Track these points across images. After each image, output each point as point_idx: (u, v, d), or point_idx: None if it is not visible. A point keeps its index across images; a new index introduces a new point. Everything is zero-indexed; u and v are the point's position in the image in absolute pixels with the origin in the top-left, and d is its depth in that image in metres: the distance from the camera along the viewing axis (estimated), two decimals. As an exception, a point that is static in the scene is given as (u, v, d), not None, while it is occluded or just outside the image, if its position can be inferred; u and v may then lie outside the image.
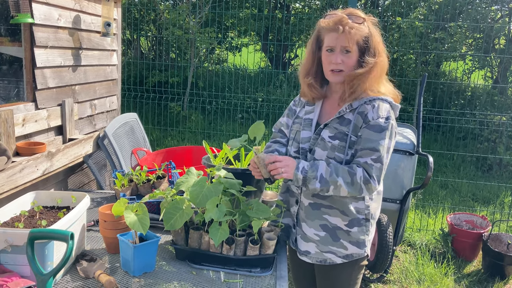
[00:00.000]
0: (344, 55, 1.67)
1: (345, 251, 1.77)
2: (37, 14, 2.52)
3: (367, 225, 1.78)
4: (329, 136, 1.72)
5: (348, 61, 1.67)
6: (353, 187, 1.64)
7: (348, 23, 1.64)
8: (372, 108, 1.67)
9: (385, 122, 1.66)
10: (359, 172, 1.65)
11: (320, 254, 1.79)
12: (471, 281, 3.58)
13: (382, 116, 1.66)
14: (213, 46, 8.18)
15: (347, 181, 1.64)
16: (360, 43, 1.66)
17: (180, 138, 6.59)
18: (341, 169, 1.65)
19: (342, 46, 1.66)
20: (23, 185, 2.35)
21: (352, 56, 1.67)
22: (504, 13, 7.44)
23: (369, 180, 1.65)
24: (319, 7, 9.03)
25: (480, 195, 5.46)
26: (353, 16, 1.66)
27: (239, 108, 6.35)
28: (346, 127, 1.71)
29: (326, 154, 1.73)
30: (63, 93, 2.87)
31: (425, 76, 3.63)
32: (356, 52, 1.67)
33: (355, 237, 1.76)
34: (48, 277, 1.45)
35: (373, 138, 1.65)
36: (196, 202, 1.66)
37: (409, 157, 3.38)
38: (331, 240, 1.76)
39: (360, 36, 1.66)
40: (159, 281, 1.69)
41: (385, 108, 1.68)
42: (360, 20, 1.66)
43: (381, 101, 1.69)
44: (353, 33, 1.64)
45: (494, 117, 6.26)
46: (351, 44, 1.64)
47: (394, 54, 7.54)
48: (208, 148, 2.24)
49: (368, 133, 1.66)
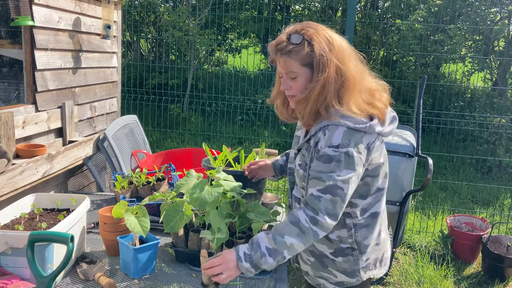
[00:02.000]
0: (291, 80, 1.50)
1: (336, 279, 1.64)
2: (38, 16, 2.52)
3: (354, 254, 1.58)
4: (298, 164, 1.60)
5: (295, 86, 1.50)
6: (305, 235, 1.43)
7: (284, 47, 1.46)
8: (324, 135, 1.46)
9: (334, 151, 1.42)
10: (301, 215, 1.44)
11: (314, 278, 1.71)
12: (471, 283, 3.58)
13: (332, 144, 1.43)
14: (213, 48, 8.19)
15: (296, 233, 1.43)
16: (305, 63, 1.46)
17: (180, 140, 6.60)
18: (281, 226, 1.47)
19: (285, 72, 1.50)
20: (23, 188, 2.35)
21: (298, 80, 1.48)
22: (503, 15, 7.46)
23: (316, 217, 1.42)
24: (318, 9, 9.05)
25: (479, 197, 5.46)
26: (294, 35, 1.46)
27: (239, 110, 6.36)
28: (308, 154, 1.54)
29: (298, 183, 1.61)
30: (63, 95, 2.87)
31: (424, 78, 3.63)
32: (304, 75, 1.47)
33: (341, 267, 1.60)
34: (48, 280, 1.45)
35: (320, 169, 1.45)
36: (196, 205, 1.67)
37: (408, 159, 3.38)
38: (320, 266, 1.65)
39: (301, 58, 1.45)
40: (159, 283, 1.69)
41: (337, 135, 1.44)
42: (299, 39, 1.45)
43: (334, 126, 1.45)
44: (292, 58, 1.46)
45: (493, 119, 6.27)
46: (293, 69, 1.47)
47: (394, 56, 7.55)
48: (208, 150, 2.24)
49: (317, 164, 1.46)
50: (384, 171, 1.59)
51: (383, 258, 1.69)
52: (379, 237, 1.64)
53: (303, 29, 1.48)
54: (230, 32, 9.21)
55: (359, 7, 8.97)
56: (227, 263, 1.46)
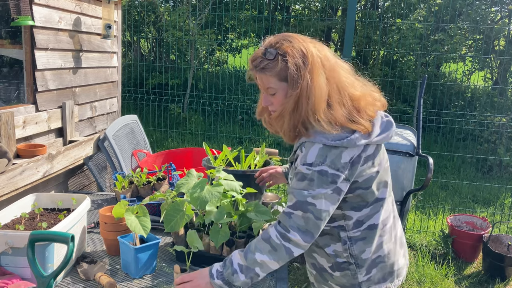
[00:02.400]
0: (270, 96, 1.47)
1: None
2: (38, 16, 2.52)
3: (352, 269, 1.53)
4: (289, 177, 1.57)
5: (276, 101, 1.47)
6: (277, 253, 1.39)
7: (259, 63, 1.43)
8: (301, 152, 1.44)
9: (307, 169, 1.39)
10: (271, 231, 1.42)
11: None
12: (472, 283, 3.58)
13: (306, 162, 1.40)
14: (213, 47, 8.19)
15: (268, 250, 1.40)
16: (283, 78, 1.42)
17: (180, 140, 6.60)
18: (254, 243, 1.44)
19: (264, 88, 1.48)
20: (23, 187, 2.35)
21: (278, 96, 1.45)
22: (503, 15, 7.45)
23: (287, 234, 1.38)
24: (318, 9, 9.04)
25: (480, 197, 5.46)
26: (268, 51, 1.42)
27: (239, 110, 6.35)
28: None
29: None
30: (63, 95, 2.87)
31: (425, 77, 3.63)
32: (282, 90, 1.43)
33: (340, 281, 1.56)
34: (49, 279, 1.45)
35: (295, 186, 1.42)
36: (197, 204, 1.66)
37: (409, 158, 3.38)
38: (321, 279, 1.62)
39: (277, 73, 1.41)
40: (159, 283, 1.69)
41: (311, 152, 1.40)
42: (273, 55, 1.41)
43: (309, 143, 1.42)
44: (268, 73, 1.43)
45: (494, 118, 6.27)
46: (270, 85, 1.44)
47: (394, 55, 7.55)
48: (208, 150, 2.24)
49: (293, 181, 1.45)
50: (380, 181, 1.51)
51: (394, 270, 1.59)
52: (381, 249, 1.56)
53: (277, 42, 1.43)
54: (230, 32, 9.21)
55: (359, 6, 8.97)
56: (197, 280, 1.45)
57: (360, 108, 1.46)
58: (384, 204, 1.55)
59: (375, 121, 1.48)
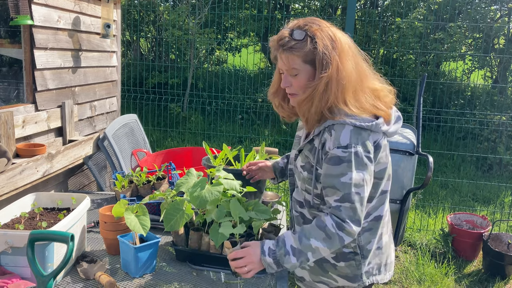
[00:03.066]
0: (293, 77, 1.47)
1: (336, 283, 1.62)
2: (37, 15, 2.52)
3: (357, 259, 1.57)
4: (300, 165, 1.57)
5: (296, 83, 1.47)
6: (331, 241, 1.42)
7: (286, 43, 1.43)
8: (330, 135, 1.43)
9: (343, 151, 1.39)
10: (328, 220, 1.43)
11: (312, 283, 1.68)
12: (472, 281, 3.58)
13: (340, 144, 1.40)
14: (213, 47, 8.19)
15: (322, 238, 1.42)
16: (308, 60, 1.43)
17: (180, 139, 6.60)
18: (308, 228, 1.45)
19: (286, 69, 1.47)
20: (23, 187, 2.35)
21: (300, 77, 1.45)
22: (503, 13, 7.45)
23: (342, 224, 1.41)
24: (318, 8, 9.04)
25: (480, 195, 5.46)
26: (296, 31, 1.42)
27: (239, 109, 6.35)
28: (312, 156, 1.51)
29: (300, 185, 1.60)
30: (63, 95, 2.87)
31: (424, 76, 3.63)
32: (306, 72, 1.44)
33: (343, 272, 1.58)
34: (49, 279, 1.45)
35: (332, 173, 1.42)
36: (196, 203, 1.66)
37: (409, 157, 3.38)
38: (320, 271, 1.63)
39: (304, 54, 1.42)
40: (159, 282, 1.69)
41: (344, 134, 1.41)
42: (302, 35, 1.42)
43: (340, 125, 1.42)
44: (295, 53, 1.42)
45: (494, 116, 6.27)
46: (294, 66, 1.44)
47: (394, 54, 7.55)
48: (208, 149, 2.24)
49: (326, 167, 1.43)
50: (388, 172, 1.57)
51: (387, 263, 1.65)
52: (381, 240, 1.62)
53: (306, 24, 1.44)
54: (230, 31, 9.20)
55: (359, 5, 8.96)
56: (251, 256, 1.46)
57: (380, 97, 1.52)
58: (387, 197, 1.61)
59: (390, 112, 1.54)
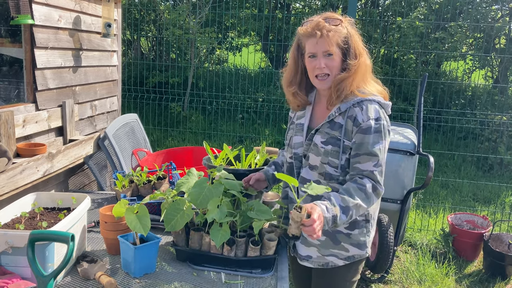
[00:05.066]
0: (327, 58, 1.66)
1: (347, 253, 1.77)
2: (37, 15, 2.52)
3: (367, 226, 1.77)
4: (321, 141, 1.71)
5: (331, 64, 1.66)
6: (368, 200, 1.63)
7: (325, 26, 1.63)
8: (361, 110, 1.66)
9: (375, 123, 1.64)
10: (367, 183, 1.63)
11: (321, 258, 1.79)
12: (472, 281, 3.58)
13: (372, 117, 1.64)
14: (213, 46, 8.18)
15: (363, 197, 1.61)
16: (340, 45, 1.66)
17: (181, 139, 6.59)
18: (351, 189, 1.61)
19: (323, 50, 1.65)
20: (23, 187, 2.34)
21: (335, 59, 1.66)
22: (504, 13, 7.44)
23: (377, 187, 1.65)
24: (319, 7, 9.03)
25: (480, 195, 5.46)
26: (330, 19, 1.66)
27: (239, 109, 6.35)
28: (337, 131, 1.69)
29: (320, 160, 1.72)
30: (63, 94, 2.87)
31: (425, 76, 3.63)
32: (338, 54, 1.67)
33: (355, 239, 1.76)
34: (49, 279, 1.45)
35: (368, 141, 1.63)
36: (197, 203, 1.66)
37: (409, 157, 3.38)
38: (332, 243, 1.76)
39: (339, 37, 1.65)
40: (159, 282, 1.69)
41: (374, 109, 1.66)
42: (337, 22, 1.65)
43: (369, 102, 1.67)
44: (331, 35, 1.63)
45: (494, 116, 6.26)
46: (331, 47, 1.64)
47: (395, 54, 7.54)
48: (208, 149, 2.24)
49: (362, 137, 1.64)
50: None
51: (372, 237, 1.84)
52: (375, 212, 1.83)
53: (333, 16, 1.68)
54: (230, 30, 9.20)
55: (360, 4, 8.95)
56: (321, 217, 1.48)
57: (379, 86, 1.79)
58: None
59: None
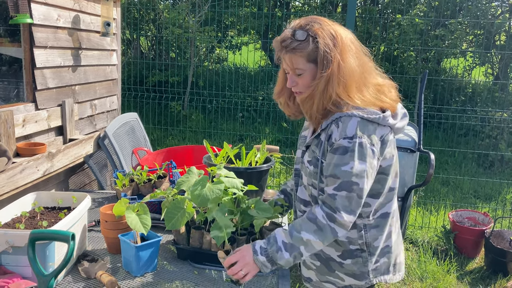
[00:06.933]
0: (298, 76, 1.49)
1: (343, 282, 1.61)
2: (36, 14, 2.51)
3: (364, 256, 1.56)
4: (307, 160, 1.57)
5: (302, 82, 1.49)
6: (322, 233, 1.42)
7: (289, 44, 1.45)
8: (337, 127, 1.45)
9: (348, 142, 1.41)
10: (318, 212, 1.44)
11: (319, 283, 1.67)
12: (474, 278, 3.57)
13: (346, 135, 1.42)
14: (213, 45, 8.17)
15: (313, 230, 1.43)
16: (312, 59, 1.45)
17: (181, 138, 6.59)
18: (299, 222, 1.47)
19: (292, 68, 1.49)
20: (23, 186, 2.34)
21: (305, 77, 1.48)
22: (504, 9, 7.42)
23: (334, 215, 1.41)
24: (318, 5, 9.02)
25: (481, 192, 5.45)
26: (298, 32, 1.45)
27: (239, 107, 6.34)
28: (319, 149, 1.52)
29: (306, 181, 1.59)
30: (63, 94, 2.86)
31: (425, 73, 3.62)
32: (310, 71, 1.47)
33: (350, 269, 1.57)
34: (50, 278, 1.44)
35: (335, 162, 1.43)
36: (197, 202, 1.66)
37: (410, 154, 3.37)
38: (326, 270, 1.62)
39: (307, 54, 1.44)
40: (161, 281, 1.69)
41: (351, 125, 1.42)
42: (304, 36, 1.44)
43: (347, 117, 1.44)
44: (298, 54, 1.45)
45: (495, 113, 6.25)
46: (299, 66, 1.47)
47: (395, 51, 7.53)
48: (209, 147, 2.23)
49: (331, 157, 1.45)
50: (395, 169, 1.56)
51: (396, 263, 1.63)
52: (390, 239, 1.60)
53: (307, 24, 1.46)
54: (230, 29, 9.18)
55: (359, 2, 8.94)
56: (244, 259, 1.46)
57: (384, 92, 1.54)
58: (395, 194, 1.59)
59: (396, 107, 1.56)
